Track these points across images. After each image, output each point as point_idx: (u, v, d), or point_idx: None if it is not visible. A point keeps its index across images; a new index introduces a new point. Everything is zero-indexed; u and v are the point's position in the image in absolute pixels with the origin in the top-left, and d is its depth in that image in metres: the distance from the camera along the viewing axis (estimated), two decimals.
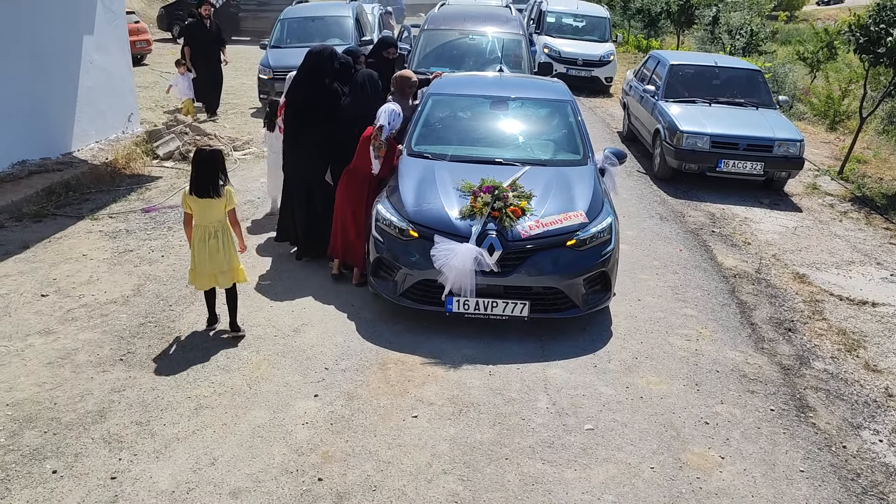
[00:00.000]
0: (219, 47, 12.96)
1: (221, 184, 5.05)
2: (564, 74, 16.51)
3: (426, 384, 4.83)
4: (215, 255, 5.09)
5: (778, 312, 6.29)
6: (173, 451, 4.08)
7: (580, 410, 4.61)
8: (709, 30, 21.67)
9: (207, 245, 5.07)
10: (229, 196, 5.12)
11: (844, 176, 10.97)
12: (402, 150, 6.38)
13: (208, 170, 5.01)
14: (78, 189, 8.70)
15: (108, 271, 6.49)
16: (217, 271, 5.15)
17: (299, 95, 6.50)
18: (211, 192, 5.00)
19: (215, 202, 5.04)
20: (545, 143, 6.68)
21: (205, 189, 5.00)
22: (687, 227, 8.37)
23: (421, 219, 5.50)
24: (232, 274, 5.22)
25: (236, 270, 5.25)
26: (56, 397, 4.54)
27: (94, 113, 10.24)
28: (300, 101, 6.47)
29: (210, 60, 12.69)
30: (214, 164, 5.02)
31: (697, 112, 10.28)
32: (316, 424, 4.36)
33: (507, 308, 5.32)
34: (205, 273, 5.15)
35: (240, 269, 5.28)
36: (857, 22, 10.79)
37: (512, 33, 10.52)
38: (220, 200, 5.06)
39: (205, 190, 5.00)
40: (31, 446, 4.06)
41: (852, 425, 4.69)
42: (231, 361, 5.02)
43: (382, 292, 5.64)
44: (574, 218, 5.51)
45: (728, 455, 4.25)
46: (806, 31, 28.40)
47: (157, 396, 4.59)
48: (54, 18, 9.39)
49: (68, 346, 5.17)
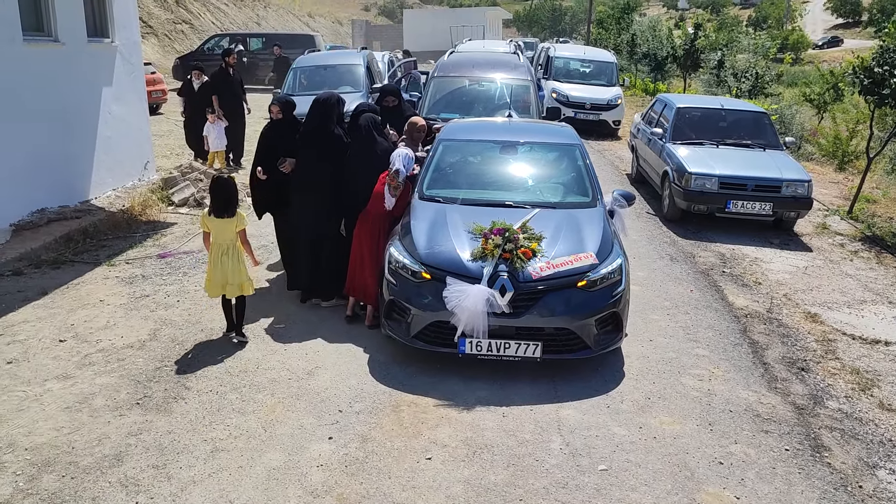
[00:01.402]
0: (242, 96, 13.19)
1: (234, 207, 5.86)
2: (573, 118, 16.72)
3: (440, 426, 4.85)
4: (227, 268, 5.85)
5: (790, 352, 6.29)
6: (189, 494, 4.11)
7: (594, 451, 4.61)
8: (714, 73, 21.96)
9: (221, 260, 5.84)
10: (240, 218, 5.91)
11: (854, 215, 11.03)
12: (414, 193, 6.50)
13: (223, 194, 5.84)
14: (95, 236, 8.86)
15: (124, 316, 6.58)
16: (227, 283, 5.88)
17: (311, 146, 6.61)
18: (225, 213, 5.80)
19: (229, 222, 5.83)
20: (554, 186, 6.78)
21: (220, 210, 5.80)
22: (697, 268, 8.42)
23: (433, 261, 5.58)
24: (240, 286, 5.91)
25: (244, 284, 5.94)
26: (74, 441, 4.59)
27: (112, 161, 10.46)
28: (312, 153, 6.59)
29: (235, 109, 12.89)
30: (228, 190, 5.86)
31: (705, 154, 10.40)
32: (331, 467, 4.38)
33: (520, 349, 5.36)
34: (217, 283, 5.90)
35: (247, 283, 5.96)
36: (860, 64, 10.95)
37: (520, 79, 10.72)
38: (233, 221, 5.85)
39: (220, 211, 5.80)
40: (49, 490, 4.10)
41: (868, 465, 4.67)
42: (246, 404, 5.07)
43: (395, 334, 5.70)
44: (584, 259, 5.58)
45: (743, 495, 4.24)
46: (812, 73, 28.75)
47: (174, 440, 4.64)
48: (77, 72, 9.68)
49: (86, 390, 5.24)
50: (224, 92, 12.70)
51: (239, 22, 40.38)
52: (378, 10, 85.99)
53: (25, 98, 8.65)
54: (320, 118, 6.61)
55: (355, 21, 60.53)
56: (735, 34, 31.76)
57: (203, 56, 26.11)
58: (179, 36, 34.07)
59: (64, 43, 9.36)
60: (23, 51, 8.60)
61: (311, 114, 6.68)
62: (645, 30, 30.52)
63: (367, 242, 6.33)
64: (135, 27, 11.37)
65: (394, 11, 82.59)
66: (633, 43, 28.50)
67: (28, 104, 8.70)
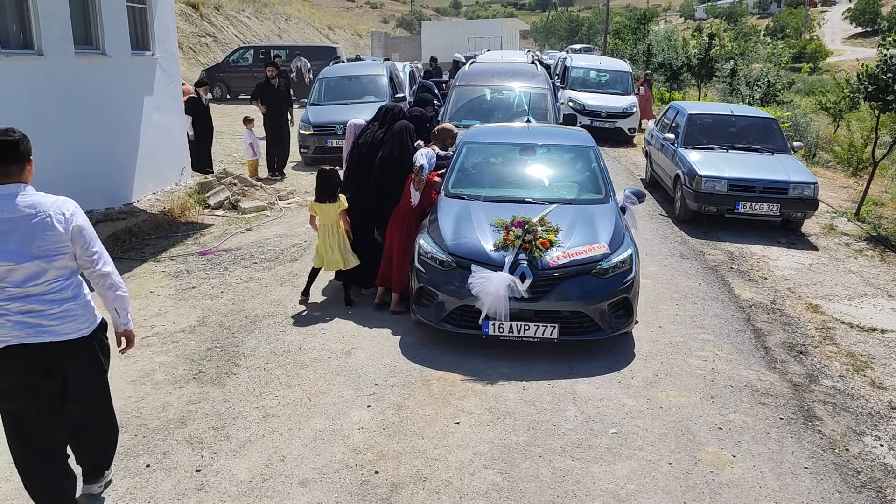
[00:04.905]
0: (286, 107, 13.71)
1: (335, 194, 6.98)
2: (589, 126, 17.20)
3: (466, 397, 5.38)
4: (329, 244, 6.95)
5: (790, 338, 6.76)
6: (247, 450, 4.66)
7: (605, 418, 5.12)
8: (728, 82, 22.36)
9: (327, 238, 6.95)
10: (341, 201, 6.98)
11: (861, 217, 11.43)
12: (441, 189, 7.08)
13: (326, 183, 6.98)
14: (139, 235, 9.49)
15: (174, 306, 7.17)
16: (332, 257, 6.98)
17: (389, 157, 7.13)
18: (327, 199, 6.94)
19: (331, 207, 6.95)
20: (570, 184, 7.31)
21: (323, 197, 6.95)
22: (707, 264, 8.89)
23: (459, 251, 6.13)
24: (344, 261, 7.00)
25: (348, 259, 7.02)
26: (141, 408, 5.17)
27: (153, 167, 11.11)
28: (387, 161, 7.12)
29: (278, 119, 13.41)
30: (331, 179, 7.00)
31: (715, 158, 10.87)
32: (370, 429, 4.92)
33: (538, 331, 5.88)
34: (321, 256, 7.04)
35: (351, 257, 7.03)
36: (865, 71, 11.40)
37: (538, 88, 11.25)
38: (335, 205, 6.94)
39: (323, 197, 6.94)
40: (124, 446, 4.66)
41: (856, 432, 5.14)
42: (291, 378, 5.63)
43: (425, 318, 6.24)
44: (598, 249, 6.10)
45: (739, 454, 4.73)
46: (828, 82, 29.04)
47: (229, 407, 5.20)
48: (121, 82, 10.34)
49: (146, 367, 5.82)
50: (266, 103, 13.25)
51: (261, 34, 41.19)
52: (396, 22, 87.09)
53: (76, 107, 9.30)
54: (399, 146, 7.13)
55: (374, 33, 61.41)
56: (751, 43, 32.14)
57: (228, 68, 26.93)
58: (204, 49, 34.88)
59: (110, 55, 10.03)
60: (74, 63, 9.27)
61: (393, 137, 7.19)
62: (661, 39, 30.98)
63: (396, 236, 6.90)
64: (173, 41, 12.04)
65: (412, 23, 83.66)
66: (648, 53, 28.98)
67: (78, 112, 9.36)
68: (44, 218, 3.43)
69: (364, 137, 7.42)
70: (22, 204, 3.42)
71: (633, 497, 4.26)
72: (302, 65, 25.37)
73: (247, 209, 10.99)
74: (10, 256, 3.35)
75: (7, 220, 3.37)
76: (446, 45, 39.86)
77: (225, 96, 26.20)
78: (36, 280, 3.43)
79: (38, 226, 3.42)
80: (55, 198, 3.55)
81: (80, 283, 3.66)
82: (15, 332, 3.42)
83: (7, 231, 3.36)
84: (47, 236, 3.43)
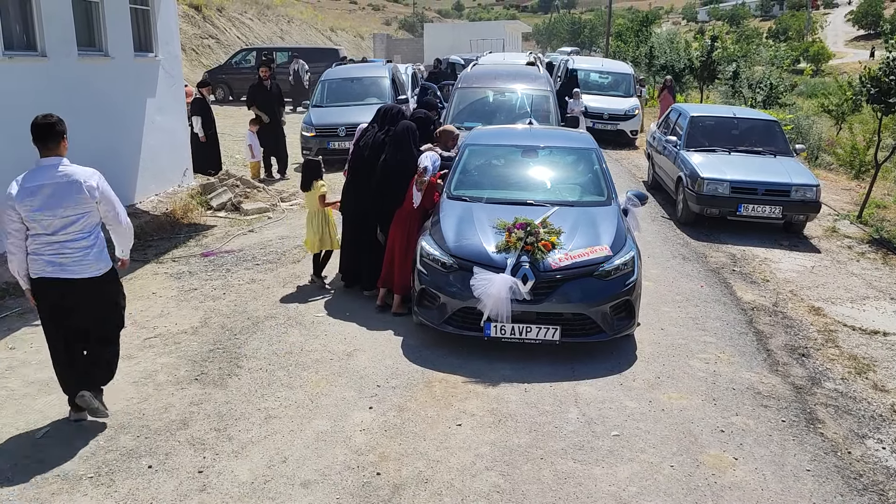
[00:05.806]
0: (279, 108, 13.69)
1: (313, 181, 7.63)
2: (591, 128, 17.20)
3: (468, 399, 5.38)
4: (316, 227, 7.54)
5: (793, 340, 6.76)
6: (249, 451, 4.66)
7: (607, 420, 5.12)
8: (730, 84, 22.35)
9: (311, 221, 7.58)
10: (317, 188, 7.59)
11: (863, 220, 11.42)
12: (443, 190, 7.07)
13: (307, 171, 7.70)
14: (142, 236, 9.49)
15: (176, 307, 7.18)
16: (317, 239, 7.56)
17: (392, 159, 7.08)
18: (307, 187, 7.66)
19: (311, 194, 7.63)
20: (572, 186, 7.32)
21: (304, 185, 7.73)
22: (709, 267, 8.89)
23: (461, 252, 6.13)
24: (329, 242, 7.65)
25: (331, 240, 7.67)
26: (143, 409, 5.17)
27: (156, 168, 11.13)
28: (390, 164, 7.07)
29: (272, 120, 13.39)
30: (310, 168, 7.71)
31: (717, 160, 10.87)
32: (372, 431, 4.92)
33: (540, 333, 5.88)
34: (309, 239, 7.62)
35: (334, 240, 7.69)
36: (867, 74, 11.40)
37: (540, 90, 11.27)
38: (314, 192, 7.57)
39: (304, 185, 7.72)
40: (126, 447, 4.68)
41: (858, 435, 5.14)
42: (293, 380, 5.63)
43: (427, 320, 6.24)
44: (599, 251, 6.10)
45: (741, 457, 4.72)
46: (831, 84, 29.07)
47: (231, 409, 5.20)
48: (124, 84, 10.36)
49: (149, 368, 5.83)
50: (259, 104, 13.27)
51: (263, 36, 41.24)
52: (399, 24, 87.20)
53: (79, 108, 9.30)
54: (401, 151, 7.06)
55: (376, 35, 61.50)
56: (754, 45, 32.13)
57: (231, 70, 26.96)
58: (206, 51, 34.93)
59: (113, 57, 10.05)
60: (77, 65, 9.29)
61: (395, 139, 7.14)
62: (663, 42, 30.99)
63: (398, 238, 6.90)
64: (176, 43, 12.07)
65: (414, 25, 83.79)
66: (650, 55, 28.99)
67: (81, 114, 9.35)
68: (75, 183, 4.50)
69: (365, 139, 7.41)
70: (60, 172, 4.51)
71: (635, 499, 4.26)
72: (299, 67, 25.29)
73: (249, 211, 11.01)
74: (50, 211, 4.45)
75: (49, 184, 4.46)
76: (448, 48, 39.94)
77: (227, 98, 26.22)
78: (64, 230, 4.52)
79: (71, 189, 4.49)
80: (84, 169, 4.64)
81: (98, 236, 4.71)
82: (46, 268, 4.56)
83: (49, 193, 4.45)
84: (77, 198, 4.50)
